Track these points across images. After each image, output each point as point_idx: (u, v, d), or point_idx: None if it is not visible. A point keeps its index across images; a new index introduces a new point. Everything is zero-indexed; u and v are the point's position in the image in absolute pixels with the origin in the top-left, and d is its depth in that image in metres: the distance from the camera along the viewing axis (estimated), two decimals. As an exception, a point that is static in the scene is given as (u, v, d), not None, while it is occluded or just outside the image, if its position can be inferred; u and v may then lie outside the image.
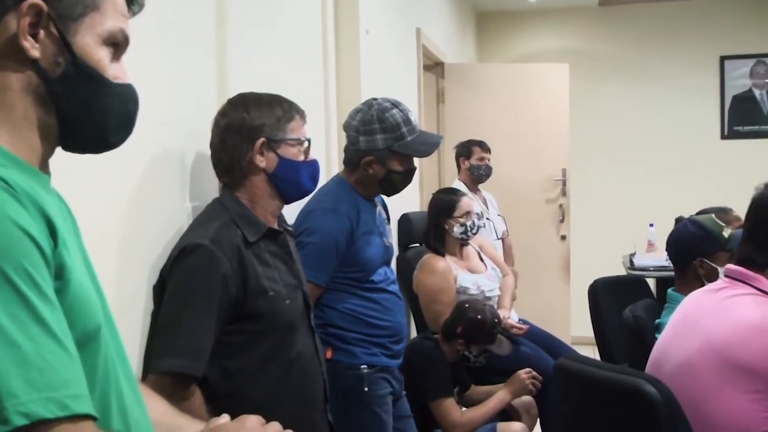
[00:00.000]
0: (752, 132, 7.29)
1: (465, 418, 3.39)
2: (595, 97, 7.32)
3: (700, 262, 2.71)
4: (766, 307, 1.98)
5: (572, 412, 2.04)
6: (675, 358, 2.04)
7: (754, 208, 2.12)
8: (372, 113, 2.77)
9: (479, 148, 5.28)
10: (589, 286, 3.87)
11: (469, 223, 4.00)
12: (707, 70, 7.33)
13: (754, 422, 1.89)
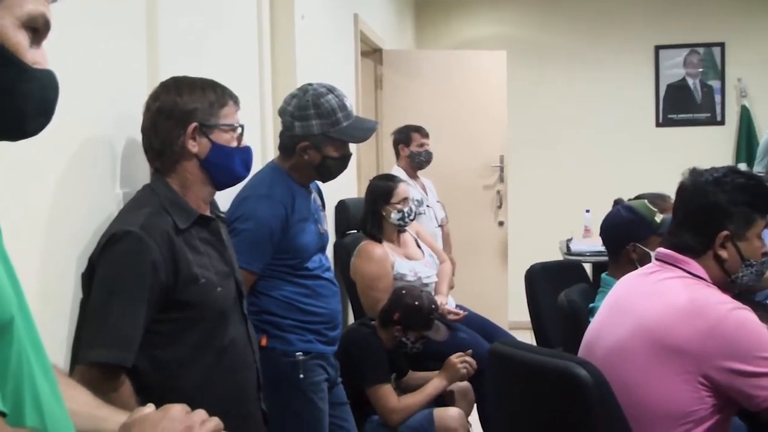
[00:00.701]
0: (686, 120, 7.43)
1: (402, 404, 3.40)
2: (533, 85, 7.37)
3: (633, 247, 2.75)
4: (696, 291, 2.01)
5: (506, 396, 2.06)
6: (607, 341, 2.07)
7: (689, 194, 2.14)
8: (307, 98, 2.75)
9: (418, 134, 5.26)
10: (526, 272, 3.90)
11: (406, 209, 4.00)
12: (642, 59, 7.44)
13: (685, 403, 1.92)
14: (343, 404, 3.08)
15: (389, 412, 3.36)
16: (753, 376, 1.87)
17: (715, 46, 7.38)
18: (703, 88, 7.42)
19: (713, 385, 1.90)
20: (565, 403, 1.83)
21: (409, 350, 3.59)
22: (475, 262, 6.00)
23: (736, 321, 1.91)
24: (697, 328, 1.89)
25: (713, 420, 1.94)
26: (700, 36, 7.39)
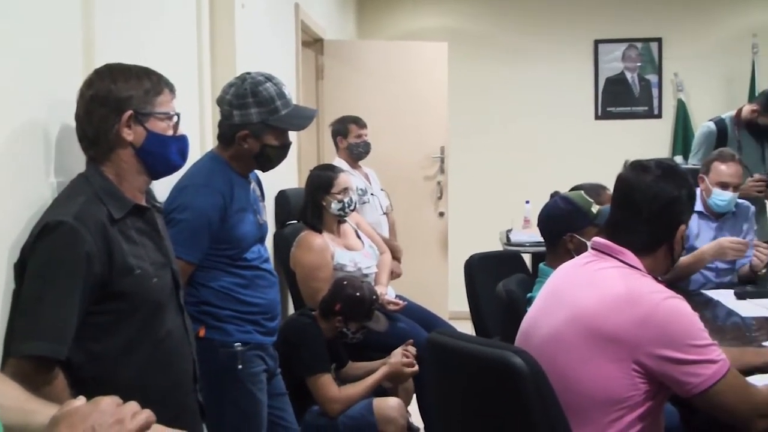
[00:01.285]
0: (624, 113, 7.56)
1: (343, 394, 3.41)
2: (475, 77, 7.42)
3: (570, 237, 2.79)
4: (631, 280, 2.05)
5: (444, 385, 2.07)
6: (544, 330, 2.10)
7: (645, 191, 2.12)
8: (245, 87, 2.73)
9: (355, 126, 5.24)
10: (465, 262, 3.93)
11: (346, 199, 4.00)
12: (582, 52, 7.54)
13: (619, 389, 1.96)
14: (281, 395, 3.08)
15: (329, 401, 3.37)
16: (685, 363, 1.92)
17: (652, 41, 7.52)
18: (641, 82, 7.55)
19: (646, 372, 1.94)
20: (501, 391, 1.85)
21: (350, 340, 3.60)
22: (415, 253, 6.01)
23: (670, 310, 1.95)
24: (632, 316, 1.93)
25: (646, 406, 1.99)
26: (638, 31, 7.52)
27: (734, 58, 7.40)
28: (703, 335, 1.96)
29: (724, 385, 1.93)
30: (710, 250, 3.91)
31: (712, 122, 5.16)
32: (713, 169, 4.08)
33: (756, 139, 5.10)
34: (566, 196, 2.90)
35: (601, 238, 2.18)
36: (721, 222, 4.15)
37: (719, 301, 3.69)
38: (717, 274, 4.12)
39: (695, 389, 1.93)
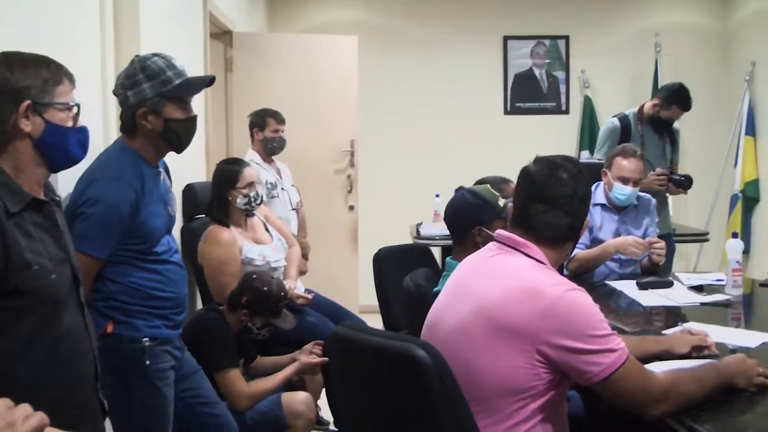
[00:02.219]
0: (533, 108, 7.70)
1: (251, 389, 3.38)
2: (385, 71, 7.44)
3: (478, 231, 2.82)
4: (534, 273, 2.08)
5: (349, 378, 2.07)
6: (449, 323, 2.12)
7: (559, 186, 2.17)
8: (134, 66, 2.71)
9: (274, 120, 5.20)
10: (374, 256, 3.94)
11: (252, 194, 3.97)
12: (491, 48, 7.64)
13: (522, 379, 1.99)
14: (194, 373, 3.04)
15: (237, 397, 3.34)
16: (585, 353, 1.96)
17: (560, 39, 7.67)
18: (548, 78, 7.69)
19: (549, 362, 1.98)
20: (405, 384, 1.86)
21: (255, 336, 3.57)
22: (325, 247, 6.01)
23: (571, 301, 1.99)
24: (534, 308, 1.96)
25: (549, 394, 2.02)
26: (546, 28, 7.66)
27: (639, 57, 7.61)
28: (603, 326, 2.00)
29: (622, 373, 1.98)
30: (615, 243, 4.03)
31: (616, 118, 5.28)
32: (615, 164, 4.19)
33: (658, 135, 5.24)
34: (474, 190, 2.92)
35: (505, 231, 2.21)
36: (623, 215, 4.27)
37: (622, 291, 3.79)
38: (620, 265, 4.24)
39: (595, 378, 1.97)
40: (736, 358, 2.31)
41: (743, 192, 7.29)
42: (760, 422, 2.07)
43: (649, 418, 2.06)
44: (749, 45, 7.42)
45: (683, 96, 5.08)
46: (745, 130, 7.25)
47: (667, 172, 5.02)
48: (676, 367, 2.24)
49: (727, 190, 7.44)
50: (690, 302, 3.55)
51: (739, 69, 7.48)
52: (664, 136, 5.26)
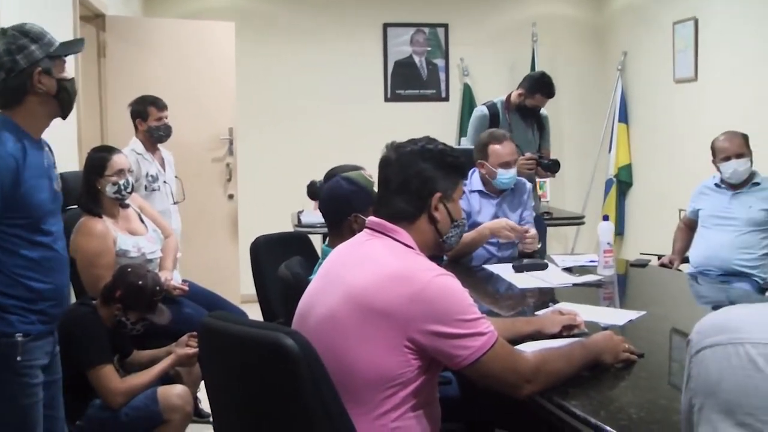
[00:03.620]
0: (413, 96, 7.74)
1: (125, 385, 3.29)
2: (265, 58, 7.35)
3: (354, 217, 2.80)
4: (404, 258, 2.08)
5: (218, 370, 2.02)
6: (320, 311, 2.09)
7: (399, 165, 2.20)
8: (12, 33, 2.63)
9: (155, 108, 5.05)
10: (251, 245, 3.87)
11: (122, 182, 3.86)
12: (371, 36, 7.64)
13: (392, 367, 1.97)
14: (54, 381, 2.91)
15: (111, 394, 3.24)
16: (454, 337, 1.96)
17: (439, 27, 7.73)
18: (428, 66, 7.74)
19: (418, 348, 1.97)
20: (274, 374, 1.82)
21: (129, 331, 3.47)
22: (205, 236, 5.91)
23: (440, 286, 1.99)
24: (403, 293, 1.95)
25: (419, 381, 2.02)
26: (425, 16, 7.71)
27: (516, 46, 7.74)
28: (472, 310, 2.01)
29: (491, 355, 1.99)
30: (490, 226, 4.10)
31: (485, 106, 5.39)
32: (491, 153, 4.24)
33: (525, 122, 5.37)
34: (349, 177, 2.90)
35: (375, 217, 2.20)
36: (501, 198, 4.34)
37: (499, 275, 3.85)
38: (499, 248, 4.31)
39: (465, 361, 1.98)
40: (603, 335, 2.37)
41: (617, 177, 7.54)
42: (624, 396, 2.13)
43: (519, 397, 2.08)
44: (621, 36, 7.66)
45: (545, 84, 5.22)
46: (619, 118, 7.50)
47: (535, 157, 5.14)
48: (546, 347, 2.28)
49: (602, 175, 7.68)
50: (563, 283, 3.64)
51: (612, 59, 7.72)
52: (531, 122, 5.39)
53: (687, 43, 6.47)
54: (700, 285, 4.14)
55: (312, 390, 1.79)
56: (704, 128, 5.33)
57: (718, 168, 4.52)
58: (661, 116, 7.01)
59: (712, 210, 4.58)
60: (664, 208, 6.43)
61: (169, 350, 3.55)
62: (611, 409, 1.99)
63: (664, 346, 2.65)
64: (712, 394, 1.33)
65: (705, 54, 6.29)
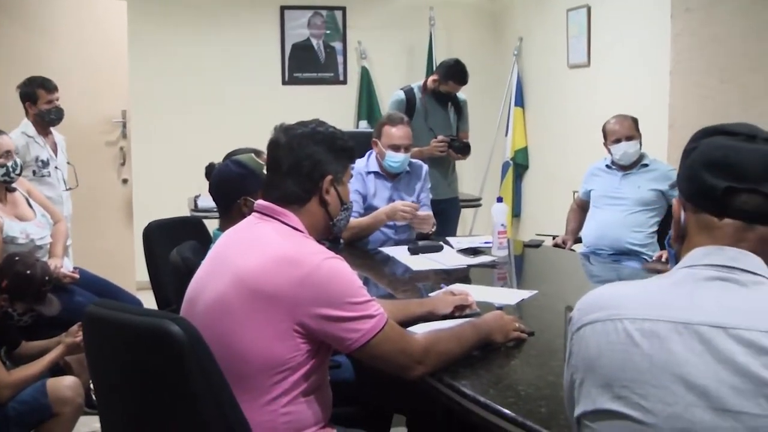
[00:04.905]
0: (311, 79, 7.67)
1: (12, 378, 3.18)
2: (159, 39, 7.15)
3: (243, 201, 2.77)
4: (292, 241, 2.06)
5: (105, 359, 1.96)
6: (208, 296, 2.05)
7: (289, 147, 2.19)
8: None
9: (44, 91, 4.88)
10: (144, 230, 3.78)
11: (10, 163, 3.73)
12: (268, 18, 7.52)
13: (281, 352, 1.96)
14: None
15: (-3, 387, 3.13)
16: (344, 320, 1.96)
17: (337, 10, 7.67)
18: (326, 49, 7.69)
19: (307, 332, 1.96)
20: (161, 361, 1.78)
21: (16, 323, 3.36)
22: (98, 222, 5.76)
23: (329, 270, 1.98)
24: (292, 276, 1.94)
25: (309, 365, 2.01)
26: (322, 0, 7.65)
27: (414, 30, 7.76)
28: (361, 292, 2.01)
29: (381, 337, 1.99)
30: (385, 210, 4.11)
31: (402, 91, 5.45)
32: (384, 133, 4.27)
33: (441, 105, 5.43)
34: (238, 160, 2.86)
35: (264, 200, 2.18)
36: (396, 182, 4.36)
37: (395, 257, 3.86)
38: (396, 231, 4.33)
39: (355, 344, 1.98)
40: (494, 315, 2.41)
41: (514, 159, 7.66)
42: (513, 374, 2.17)
43: (410, 378, 2.10)
44: (517, 21, 7.76)
45: (459, 72, 5.30)
46: (515, 102, 7.61)
47: (447, 139, 5.21)
48: (437, 328, 2.30)
49: (499, 158, 7.78)
50: (458, 265, 3.68)
51: (508, 44, 7.82)
52: (448, 107, 5.45)
53: (580, 30, 6.60)
54: (592, 264, 4.24)
55: (199, 377, 1.76)
56: (596, 112, 5.44)
57: (609, 150, 4.63)
58: (556, 101, 7.14)
59: (604, 191, 4.69)
60: (559, 190, 6.56)
61: (59, 340, 3.45)
62: (500, 387, 2.02)
63: (554, 324, 2.70)
64: (591, 369, 1.37)
65: (597, 40, 6.43)
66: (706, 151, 1.42)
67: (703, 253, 1.39)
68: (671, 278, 1.40)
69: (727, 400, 1.23)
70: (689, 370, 1.26)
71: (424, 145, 5.19)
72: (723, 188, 1.37)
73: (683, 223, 1.47)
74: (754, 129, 1.43)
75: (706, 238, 1.40)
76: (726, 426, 1.22)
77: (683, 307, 1.32)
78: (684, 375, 1.26)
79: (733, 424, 1.22)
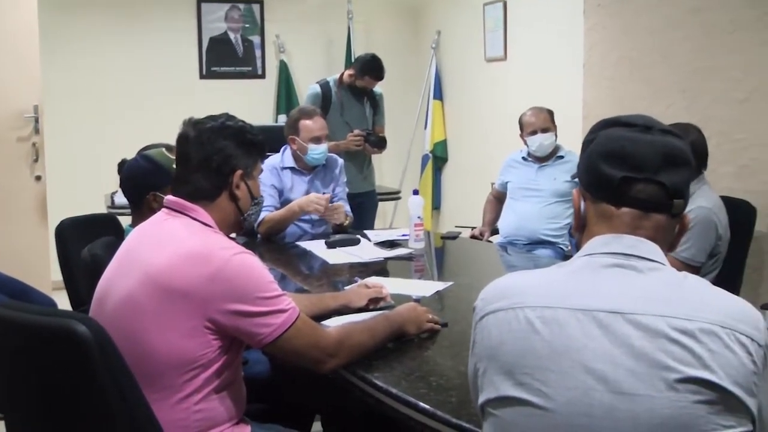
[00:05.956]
0: (229, 73, 7.59)
1: None
2: (74, 31, 6.98)
3: (153, 196, 2.73)
4: (202, 237, 2.04)
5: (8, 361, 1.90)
6: (117, 294, 2.02)
7: (198, 142, 2.17)
8: None
9: None
10: (56, 228, 3.69)
11: None
12: (185, 11, 7.41)
13: (192, 349, 1.94)
14: None
15: None
16: (255, 315, 1.95)
17: (254, 3, 7.61)
18: (244, 43, 7.62)
19: (218, 328, 1.95)
20: (67, 363, 1.74)
21: None
22: (9, 221, 5.59)
23: (239, 265, 1.97)
24: (202, 272, 1.92)
25: (220, 362, 2.00)
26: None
27: (332, 23, 7.75)
28: (272, 287, 2.00)
29: (293, 332, 1.99)
30: (299, 203, 4.11)
31: (318, 84, 5.43)
32: (302, 128, 4.25)
33: (357, 99, 5.44)
34: (147, 155, 2.82)
35: (172, 195, 2.16)
36: (313, 175, 4.36)
37: (312, 251, 3.86)
38: (313, 225, 4.32)
39: (267, 339, 1.97)
40: (407, 306, 2.43)
41: (433, 152, 7.71)
42: (425, 365, 2.19)
43: (323, 372, 2.10)
44: (435, 15, 7.81)
45: (375, 67, 5.31)
46: (433, 95, 7.67)
47: (363, 133, 5.23)
48: (351, 321, 2.31)
49: (418, 151, 7.83)
50: (375, 257, 3.70)
51: (427, 37, 7.87)
52: (364, 101, 5.46)
53: (497, 24, 6.68)
54: (510, 255, 4.30)
55: (107, 378, 1.72)
56: (513, 105, 5.51)
57: (525, 142, 4.71)
58: (474, 94, 7.22)
59: (520, 182, 4.76)
60: (477, 182, 6.63)
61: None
62: (411, 379, 2.04)
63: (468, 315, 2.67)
64: (494, 357, 1.39)
65: (513, 34, 6.52)
66: (603, 143, 1.45)
67: (602, 241, 1.42)
68: (571, 266, 1.44)
69: (624, 383, 1.26)
70: (588, 355, 1.29)
71: (340, 139, 5.20)
72: (620, 178, 1.41)
73: (583, 213, 1.50)
74: (651, 120, 1.48)
75: (605, 226, 1.43)
76: (623, 408, 1.26)
77: (582, 295, 1.35)
78: (583, 360, 1.29)
79: (630, 405, 1.25)
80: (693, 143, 3.47)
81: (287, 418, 2.55)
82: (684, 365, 1.25)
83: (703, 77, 4.36)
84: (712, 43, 4.28)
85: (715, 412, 1.24)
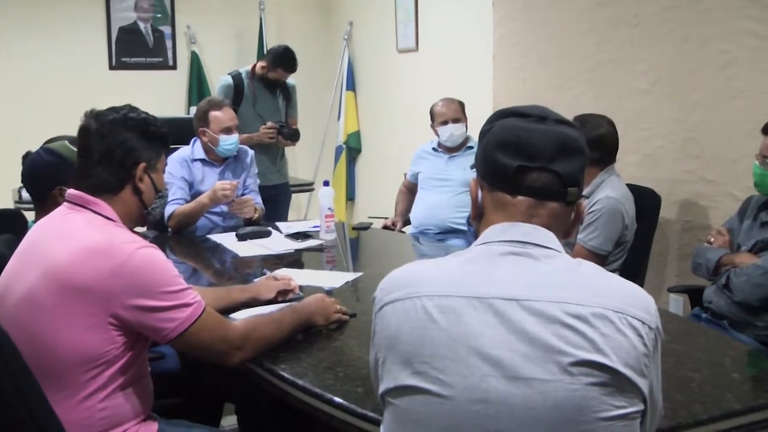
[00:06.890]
0: (139, 63, 7.46)
1: None
2: None
3: (58, 191, 2.67)
4: (104, 231, 2.00)
5: None
6: (17, 291, 1.98)
7: (99, 135, 2.13)
8: None
9: None
10: (-44, 225, 3.59)
11: None
12: (93, 1, 7.26)
13: (96, 346, 1.91)
14: None
15: None
16: (159, 310, 1.93)
17: (164, -8, 7.50)
18: (155, 33, 7.51)
19: (122, 323, 1.92)
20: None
21: None
22: None
23: (142, 259, 1.94)
24: (104, 267, 1.89)
25: (125, 358, 1.98)
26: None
27: (244, 15, 7.70)
28: (177, 281, 1.98)
29: (199, 326, 1.98)
30: (207, 195, 4.08)
31: (230, 76, 5.39)
32: (213, 119, 4.22)
33: (269, 91, 5.41)
34: (50, 148, 2.75)
35: (74, 189, 2.11)
36: (224, 166, 4.33)
37: (223, 244, 3.84)
38: (224, 218, 4.30)
39: (172, 333, 1.95)
40: (315, 298, 2.43)
41: (346, 143, 7.73)
42: (333, 356, 2.20)
43: (230, 365, 2.10)
44: (347, 6, 7.82)
45: (287, 59, 5.29)
46: (346, 86, 7.68)
47: (276, 126, 5.21)
48: (259, 313, 2.31)
49: (332, 142, 7.83)
50: (286, 249, 3.69)
51: (339, 28, 7.87)
52: (277, 93, 5.44)
53: (408, 15, 6.72)
54: (421, 244, 4.34)
55: (5, 378, 1.69)
56: (424, 95, 5.56)
57: (436, 132, 4.75)
58: (386, 84, 7.25)
59: (431, 172, 4.81)
60: (390, 173, 6.66)
61: None
62: (318, 370, 2.06)
63: (376, 306, 2.74)
64: (392, 347, 1.41)
65: (425, 25, 6.57)
66: (499, 132, 1.48)
67: (498, 230, 1.45)
68: (468, 255, 1.46)
69: (519, 368, 1.29)
70: (484, 342, 1.32)
71: (253, 131, 5.17)
72: (515, 167, 1.44)
73: (480, 202, 1.53)
74: (545, 111, 1.51)
75: (501, 215, 1.46)
76: (518, 393, 1.29)
77: (479, 283, 1.37)
78: (479, 347, 1.32)
79: (525, 390, 1.29)
80: (603, 135, 3.57)
81: (196, 411, 2.54)
82: (577, 349, 1.28)
83: (609, 69, 4.48)
84: (617, 35, 4.40)
85: (608, 394, 1.28)
